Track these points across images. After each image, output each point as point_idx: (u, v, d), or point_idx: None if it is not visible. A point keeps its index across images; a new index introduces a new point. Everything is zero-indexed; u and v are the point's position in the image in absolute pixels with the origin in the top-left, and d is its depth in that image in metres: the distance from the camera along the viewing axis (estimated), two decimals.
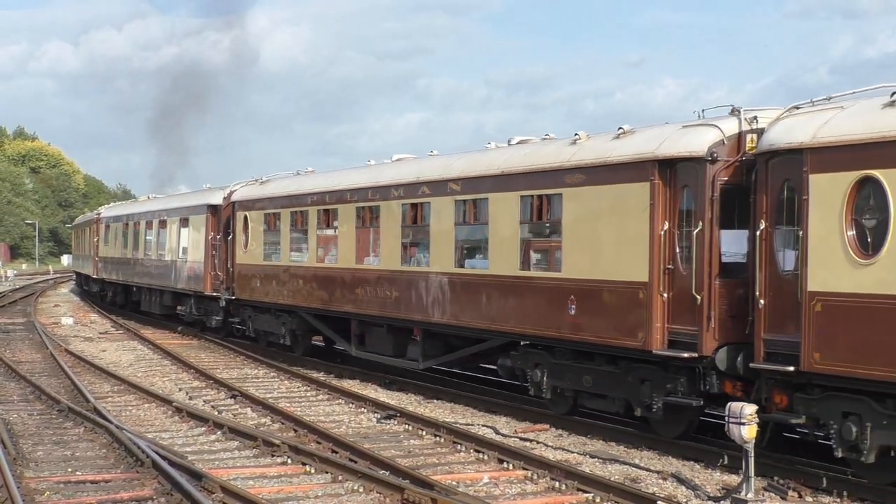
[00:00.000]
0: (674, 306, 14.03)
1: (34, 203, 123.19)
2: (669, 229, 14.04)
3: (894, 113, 11.44)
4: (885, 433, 11.22)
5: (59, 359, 24.69)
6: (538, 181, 16.48)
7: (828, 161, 11.91)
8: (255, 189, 28.06)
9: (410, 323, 19.98)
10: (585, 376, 15.62)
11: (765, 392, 12.75)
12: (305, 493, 12.06)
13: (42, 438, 15.33)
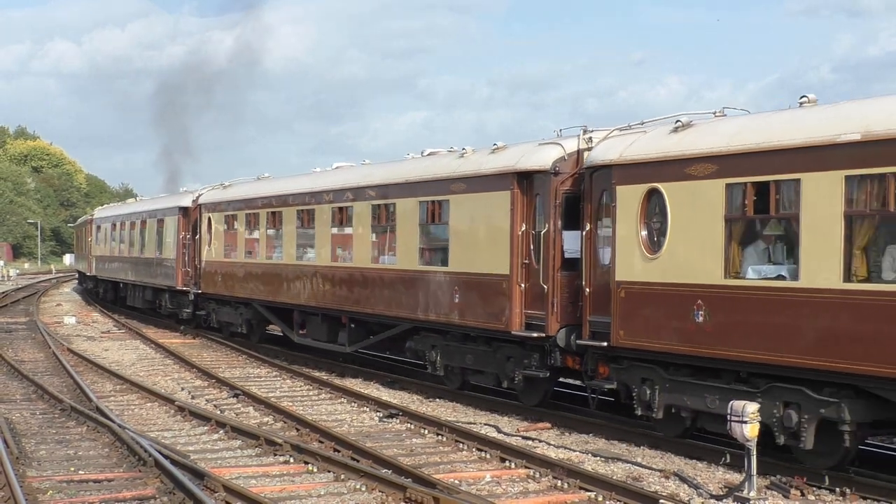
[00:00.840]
0: (529, 295, 16.59)
1: (36, 202, 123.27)
2: (526, 230, 16.63)
3: (674, 138, 14.17)
4: (669, 395, 13.97)
5: (62, 358, 24.71)
6: (433, 189, 19.11)
7: (629, 175, 14.56)
8: (218, 193, 30.95)
9: (340, 312, 22.60)
10: (468, 355, 18.31)
11: (591, 364, 15.45)
12: (308, 491, 12.06)
13: (45, 437, 15.35)
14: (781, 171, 12.48)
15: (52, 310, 44.67)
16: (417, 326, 19.64)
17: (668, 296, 13.86)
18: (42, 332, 31.69)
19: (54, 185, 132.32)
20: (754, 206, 12.93)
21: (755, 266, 12.99)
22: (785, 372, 12.38)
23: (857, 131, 11.64)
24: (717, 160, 13.27)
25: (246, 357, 26.30)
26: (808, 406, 12.15)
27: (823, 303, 11.90)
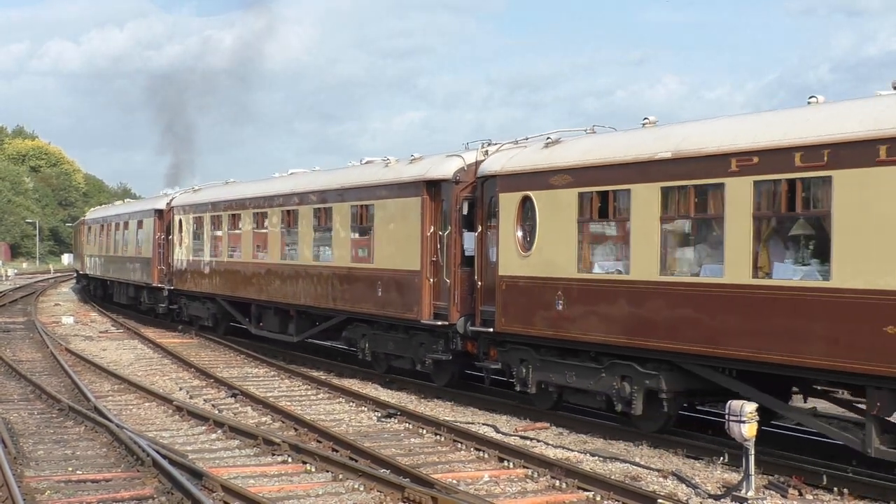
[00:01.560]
0: (436, 288, 18.92)
1: (34, 202, 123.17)
2: (434, 232, 18.95)
3: (544, 153, 16.56)
4: (540, 373, 16.41)
5: (60, 358, 24.70)
6: (362, 194, 21.55)
7: (509, 184, 16.90)
8: (189, 196, 33.57)
9: (288, 306, 25.03)
10: (390, 342, 20.80)
11: (483, 348, 17.84)
12: (306, 491, 12.06)
13: (42, 437, 15.34)
14: (618, 182, 14.85)
15: (50, 309, 44.65)
16: (350, 317, 22.12)
17: (537, 288, 16.26)
18: (40, 332, 31.67)
19: (52, 184, 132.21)
20: (599, 211, 15.34)
21: (601, 262, 15.50)
22: (620, 351, 14.78)
23: (668, 150, 13.99)
24: (572, 172, 15.70)
25: (244, 357, 26.30)
26: (637, 379, 14.55)
27: (645, 292, 14.29)
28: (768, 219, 12.92)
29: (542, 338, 16.19)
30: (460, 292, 18.24)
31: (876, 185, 11.34)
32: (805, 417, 13.60)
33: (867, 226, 11.45)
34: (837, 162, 11.79)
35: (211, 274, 30.03)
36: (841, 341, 11.68)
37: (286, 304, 25.03)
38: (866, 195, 11.46)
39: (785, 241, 12.84)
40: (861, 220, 11.53)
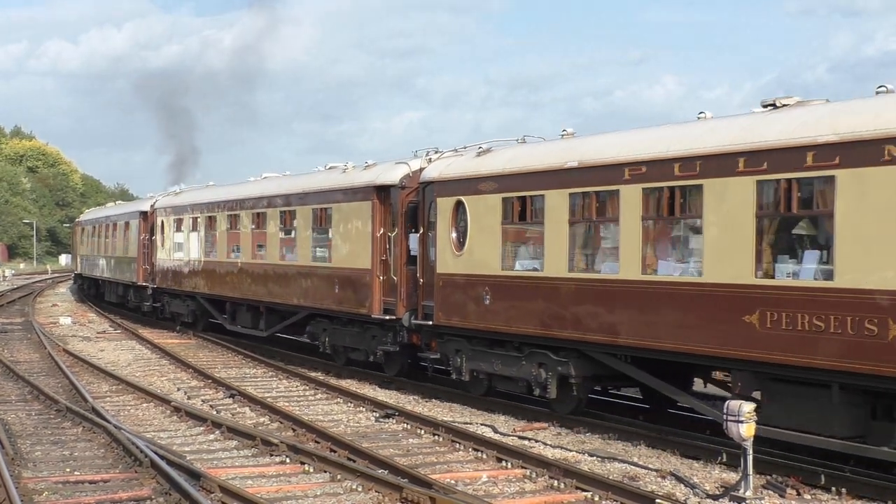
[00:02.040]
0: (385, 285, 20.54)
1: (32, 202, 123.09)
2: (383, 233, 20.61)
3: (476, 161, 18.20)
4: (472, 362, 18.04)
5: (58, 358, 24.67)
6: (321, 198, 23.22)
7: (445, 189, 18.50)
8: (170, 199, 35.48)
9: (258, 302, 26.76)
10: (347, 336, 22.32)
11: (426, 340, 19.40)
12: (304, 492, 12.05)
13: (40, 438, 15.32)
14: (534, 188, 16.47)
15: (48, 310, 44.61)
16: (313, 313, 23.62)
17: (469, 284, 17.90)
18: (38, 333, 31.64)
19: (50, 185, 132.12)
20: (519, 214, 16.85)
21: (521, 261, 17.04)
22: (537, 341, 16.39)
23: (576, 160, 15.65)
24: (497, 179, 17.28)
25: (242, 357, 26.29)
26: (551, 366, 16.15)
27: (557, 287, 15.96)
28: (654, 221, 14.43)
29: (473, 330, 17.80)
30: (406, 289, 20.00)
31: (734, 193, 12.93)
32: (684, 397, 14.85)
33: (729, 229, 13.01)
34: (707, 172, 13.32)
35: (190, 273, 31.85)
36: (711, 330, 13.28)
37: (257, 301, 26.80)
38: (728, 202, 12.99)
39: (667, 242, 14.43)
40: (724, 224, 13.08)
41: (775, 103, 13.43)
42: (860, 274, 11.47)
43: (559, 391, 16.14)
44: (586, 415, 16.44)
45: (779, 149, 12.47)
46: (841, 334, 11.68)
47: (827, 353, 11.85)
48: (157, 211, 35.73)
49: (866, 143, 11.41)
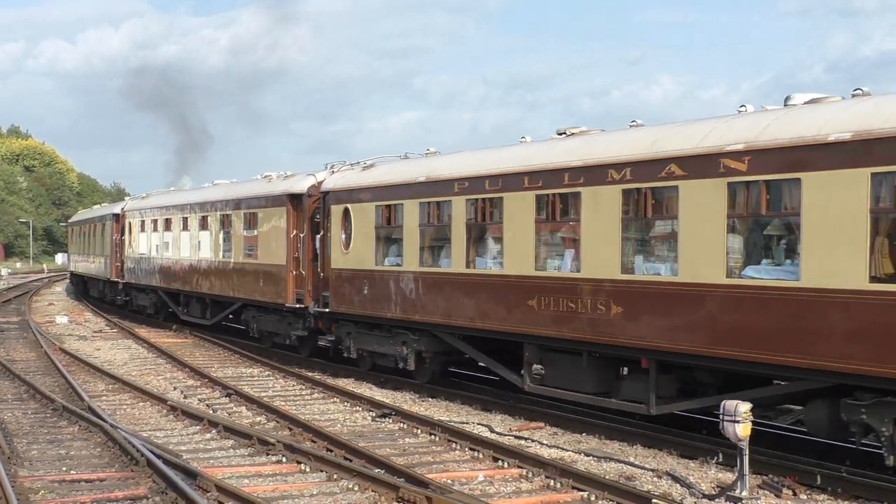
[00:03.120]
0: (296, 279, 24.04)
1: (28, 201, 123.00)
2: (296, 234, 24.25)
3: (361, 175, 21.84)
4: (358, 343, 21.59)
5: (54, 357, 24.67)
6: (251, 203, 27.07)
7: (337, 198, 22.17)
8: (138, 202, 39.84)
9: (204, 295, 30.56)
10: (271, 323, 26.22)
11: (326, 325, 22.95)
12: (300, 491, 12.05)
13: (36, 437, 15.31)
14: (397, 198, 20.08)
15: (44, 309, 44.59)
16: (245, 303, 27.52)
17: (354, 277, 21.38)
18: (34, 332, 31.64)
19: (46, 184, 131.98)
20: (387, 220, 20.48)
21: (389, 257, 20.43)
22: (401, 323, 19.77)
23: (424, 175, 19.19)
24: (372, 190, 20.96)
25: (238, 356, 26.29)
26: (409, 343, 19.70)
27: (412, 279, 19.28)
28: (474, 226, 17.86)
29: (358, 315, 21.33)
30: (312, 282, 23.41)
31: (521, 204, 16.53)
32: (494, 364, 17.91)
33: (519, 233, 16.57)
34: (506, 187, 16.91)
35: (151, 270, 35.68)
36: (510, 312, 16.72)
37: (203, 294, 30.70)
38: (518, 211, 16.60)
39: (481, 242, 17.90)
40: (516, 228, 16.67)
41: (566, 132, 16.98)
42: (595, 268, 15.06)
43: (417, 364, 19.79)
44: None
45: (548, 170, 16.08)
46: (584, 313, 15.17)
47: (577, 328, 15.30)
48: (126, 213, 39.75)
49: (600, 167, 14.97)
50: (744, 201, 12.97)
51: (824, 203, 11.77)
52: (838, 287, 11.59)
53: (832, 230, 11.68)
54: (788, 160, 12.23)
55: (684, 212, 13.55)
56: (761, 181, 12.60)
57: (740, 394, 12.86)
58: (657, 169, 14.05)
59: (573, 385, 15.81)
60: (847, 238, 11.51)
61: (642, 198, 14.49)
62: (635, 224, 14.72)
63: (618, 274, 14.63)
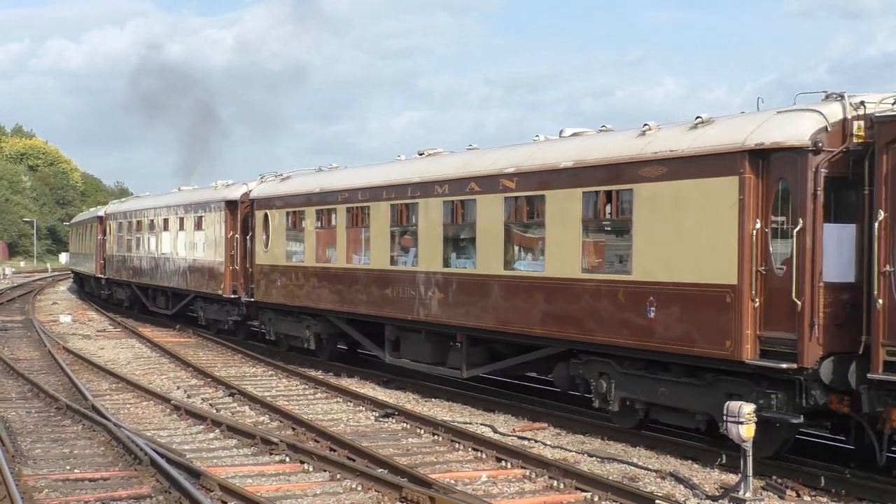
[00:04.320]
0: (232, 274, 28.58)
1: (32, 201, 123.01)
2: (232, 235, 28.69)
3: (278, 185, 26.34)
4: (277, 326, 25.97)
5: (57, 356, 24.68)
6: (198, 208, 31.69)
7: (260, 205, 26.59)
8: (117, 206, 45.48)
9: (167, 289, 35.31)
10: (213, 311, 30.81)
11: (255, 312, 27.54)
12: (304, 491, 12.06)
13: (40, 436, 15.33)
14: (303, 206, 24.31)
15: (48, 308, 44.64)
16: (196, 295, 31.83)
17: (272, 271, 25.73)
18: (38, 331, 31.66)
19: (50, 183, 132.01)
20: (294, 224, 24.75)
21: (296, 255, 24.68)
22: (308, 311, 24.01)
23: (319, 187, 23.69)
24: (283, 199, 25.41)
25: (242, 356, 26.30)
26: (312, 327, 23.99)
27: (311, 274, 23.76)
28: (351, 229, 22.08)
29: (275, 304, 25.53)
30: (244, 276, 27.63)
31: (381, 212, 20.67)
32: (368, 343, 22.19)
33: (378, 235, 20.79)
34: (372, 198, 21.09)
35: (126, 267, 40.38)
36: (374, 299, 20.81)
37: (165, 288, 35.17)
38: (379, 217, 20.67)
39: (357, 242, 21.89)
40: (377, 231, 20.82)
41: (423, 152, 20.74)
42: (427, 263, 19.07)
43: (317, 345, 24.03)
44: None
45: (399, 185, 20.17)
46: (421, 299, 19.10)
47: (417, 311, 19.26)
48: (107, 216, 44.59)
49: (430, 183, 19.07)
50: (513, 211, 16.93)
51: (559, 213, 15.73)
52: (565, 276, 15.62)
53: (562, 233, 15.66)
54: (539, 181, 16.27)
55: (479, 219, 17.63)
56: (524, 196, 16.61)
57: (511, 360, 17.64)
58: (464, 185, 18.11)
59: (418, 357, 19.81)
60: (570, 240, 15.49)
61: (456, 208, 18.51)
62: (452, 228, 18.70)
63: (440, 268, 18.67)
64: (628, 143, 14.83)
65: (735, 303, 12.70)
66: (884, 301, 11.31)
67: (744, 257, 12.65)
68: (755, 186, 12.64)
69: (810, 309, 12.02)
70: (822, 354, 11.98)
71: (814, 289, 12.07)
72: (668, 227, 13.81)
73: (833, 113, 12.37)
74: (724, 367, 13.04)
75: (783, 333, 12.29)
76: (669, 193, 13.79)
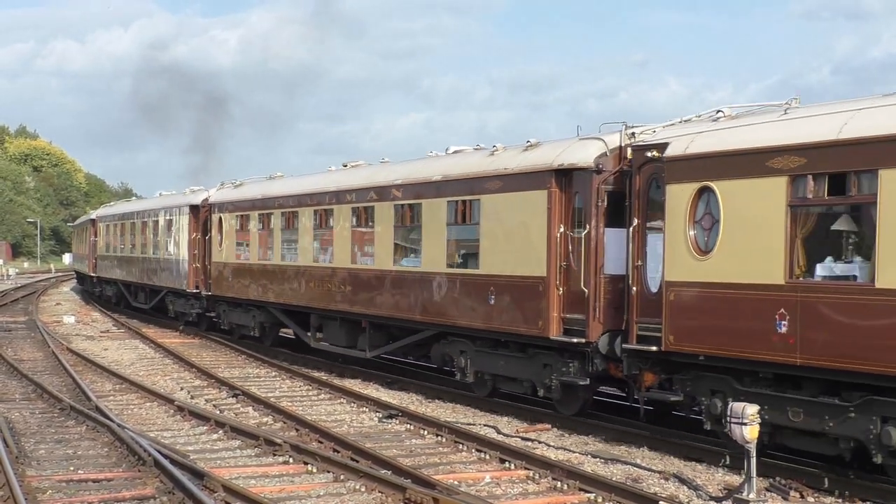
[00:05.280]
0: (195, 270, 31.81)
1: (36, 202, 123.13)
2: (195, 236, 31.90)
3: (231, 191, 29.88)
4: (230, 316, 29.41)
5: (61, 357, 24.70)
6: (169, 212, 34.99)
7: (217, 209, 30.06)
8: (106, 210, 50.68)
9: (145, 285, 38.80)
10: (180, 304, 34.09)
11: (212, 304, 30.70)
12: (307, 492, 12.06)
13: (44, 437, 15.34)
14: (247, 210, 27.82)
15: (52, 309, 44.68)
16: (168, 290, 35.21)
17: (225, 268, 29.14)
18: (41, 332, 31.69)
19: (54, 184, 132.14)
20: (242, 226, 28.13)
21: (244, 254, 28.11)
22: (251, 302, 27.77)
23: (260, 193, 27.48)
24: (234, 204, 28.97)
25: (245, 357, 26.31)
26: (257, 316, 27.63)
27: (249, 269, 27.51)
28: (284, 230, 25.41)
29: (229, 297, 29.07)
30: (204, 273, 31.13)
31: (307, 216, 24.04)
32: (298, 330, 25.40)
33: (305, 236, 24.36)
34: (300, 204, 24.58)
35: (113, 264, 44.17)
36: (302, 292, 23.99)
37: (144, 284, 38.95)
38: (305, 221, 24.25)
39: (288, 242, 25.32)
40: (304, 232, 24.39)
41: (346, 164, 24.43)
42: (339, 260, 22.60)
43: (261, 333, 27.71)
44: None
45: (320, 193, 23.82)
46: (336, 291, 22.46)
47: (333, 302, 22.72)
48: (99, 219, 48.99)
49: (342, 192, 22.66)
50: (400, 216, 20.27)
51: (431, 218, 19.11)
52: (435, 270, 18.91)
53: (433, 235, 19.07)
54: (417, 191, 19.68)
55: (376, 223, 21.11)
56: (407, 204, 20.00)
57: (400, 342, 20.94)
58: (366, 194, 21.52)
59: (335, 341, 23.17)
60: (437, 241, 18.96)
61: (360, 213, 21.80)
62: (357, 231, 21.92)
63: (349, 264, 22.07)
64: (480, 161, 18.22)
65: (545, 291, 15.99)
66: (637, 288, 14.37)
67: (551, 254, 15.91)
68: (559, 198, 15.90)
69: (594, 295, 15.19)
70: (602, 331, 15.11)
71: (597, 280, 15.22)
72: (503, 231, 17.15)
73: (612, 141, 15.48)
74: (539, 343, 16.28)
75: (577, 315, 15.49)
76: (504, 203, 17.08)
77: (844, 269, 11.90)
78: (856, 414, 11.48)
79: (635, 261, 14.37)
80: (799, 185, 12.07)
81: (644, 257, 14.33)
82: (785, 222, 12.09)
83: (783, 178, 12.13)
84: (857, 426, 11.47)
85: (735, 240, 12.83)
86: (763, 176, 12.39)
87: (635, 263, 14.36)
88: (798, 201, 12.07)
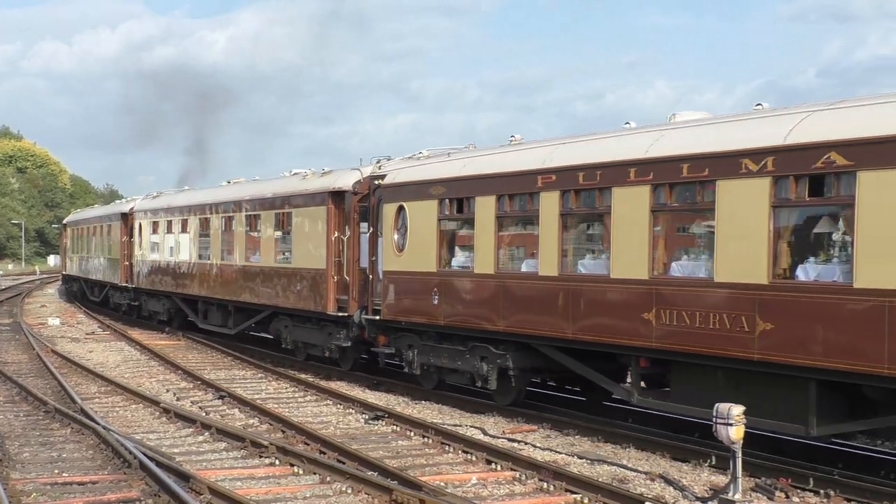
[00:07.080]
0: (125, 269, 37.27)
1: (20, 203, 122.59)
2: (126, 239, 37.68)
3: (154, 201, 36.25)
4: (151, 305, 35.84)
5: (46, 359, 24.60)
6: (110, 218, 40.57)
7: (139, 217, 36.90)
8: (75, 216, 56.41)
9: (96, 282, 43.82)
10: (117, 296, 39.35)
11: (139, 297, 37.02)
12: (293, 494, 12.04)
13: (28, 440, 15.27)
14: (157, 217, 33.98)
15: (37, 311, 44.50)
16: (112, 286, 40.13)
17: (142, 265, 35.18)
18: (26, 334, 31.55)
19: (38, 185, 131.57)
20: (154, 230, 33.07)
21: (154, 253, 33.48)
22: (164, 293, 33.54)
23: (166, 203, 33.81)
24: (151, 212, 34.61)
25: (231, 359, 26.26)
26: (166, 304, 33.80)
27: (161, 265, 33.28)
28: (180, 234, 31.06)
29: (146, 289, 34.83)
30: (131, 269, 36.66)
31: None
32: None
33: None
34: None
35: (82, 264, 47.94)
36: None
37: (96, 280, 43.76)
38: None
39: (184, 242, 30.56)
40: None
41: (230, 181, 30.48)
42: (215, 258, 28.47)
43: (169, 317, 33.23)
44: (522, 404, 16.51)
45: (199, 205, 30.01)
46: (210, 281, 28.73)
47: (211, 290, 28.75)
48: (67, 224, 56.44)
49: (215, 205, 28.89)
50: (250, 223, 27.02)
51: (266, 225, 25.80)
52: (268, 265, 25.72)
53: (268, 237, 25.77)
54: (259, 204, 26.53)
55: (235, 228, 27.78)
56: (253, 214, 26.62)
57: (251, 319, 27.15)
58: (230, 207, 28.19)
59: (214, 322, 29.35)
60: (269, 243, 25.64)
61: (226, 221, 28.49)
62: (226, 234, 28.19)
63: (219, 260, 28.38)
64: (295, 183, 24.72)
65: (325, 279, 22.23)
66: (372, 276, 20.45)
67: (329, 253, 22.18)
68: (334, 212, 22.18)
69: (353, 282, 21.51)
70: (357, 308, 21.09)
71: (353, 271, 21.54)
72: (303, 235, 23.48)
73: (366, 171, 21.67)
74: (324, 317, 22.45)
75: (344, 296, 21.68)
76: (305, 214, 23.48)
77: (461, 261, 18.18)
78: (469, 356, 17.65)
79: (371, 256, 20.50)
80: (444, 206, 18.40)
81: (377, 254, 20.23)
82: (437, 231, 18.42)
83: (435, 201, 18.48)
84: (469, 364, 17.66)
85: (415, 242, 18.98)
86: (427, 199, 18.68)
87: (371, 258, 20.48)
88: (444, 216, 18.42)
